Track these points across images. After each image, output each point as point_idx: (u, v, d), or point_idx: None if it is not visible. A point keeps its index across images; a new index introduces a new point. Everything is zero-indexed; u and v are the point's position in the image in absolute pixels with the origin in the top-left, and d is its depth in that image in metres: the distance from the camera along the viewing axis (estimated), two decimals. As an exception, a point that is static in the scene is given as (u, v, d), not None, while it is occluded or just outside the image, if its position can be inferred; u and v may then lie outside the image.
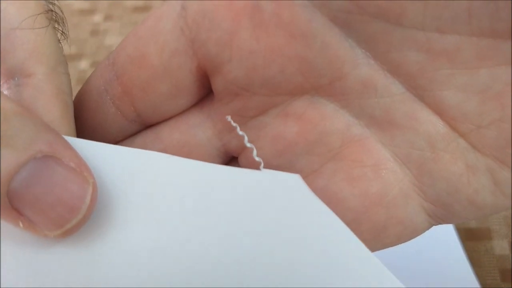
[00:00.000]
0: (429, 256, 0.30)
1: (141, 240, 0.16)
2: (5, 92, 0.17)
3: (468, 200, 0.17)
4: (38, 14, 0.17)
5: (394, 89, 0.16)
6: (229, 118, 0.18)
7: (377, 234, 0.18)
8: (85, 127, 0.19)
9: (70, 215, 0.15)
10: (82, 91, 0.19)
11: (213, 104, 0.19)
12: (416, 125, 0.16)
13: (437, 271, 0.29)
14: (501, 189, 0.16)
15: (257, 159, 0.16)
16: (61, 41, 0.18)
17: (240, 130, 0.18)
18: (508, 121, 0.15)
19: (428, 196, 0.17)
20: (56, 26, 0.17)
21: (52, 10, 0.17)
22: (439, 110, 0.16)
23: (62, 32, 0.18)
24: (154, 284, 0.16)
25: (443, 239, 0.31)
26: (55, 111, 0.17)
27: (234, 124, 0.18)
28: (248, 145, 0.17)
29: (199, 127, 0.19)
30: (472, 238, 0.31)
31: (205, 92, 0.19)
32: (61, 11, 0.18)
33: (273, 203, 0.16)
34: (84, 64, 0.43)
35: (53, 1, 0.17)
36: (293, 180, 0.16)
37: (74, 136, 0.17)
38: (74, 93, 0.19)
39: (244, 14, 0.16)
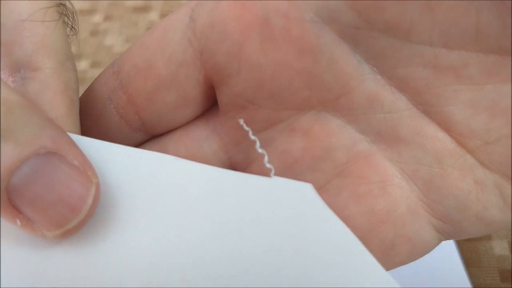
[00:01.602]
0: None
1: (143, 243, 0.16)
2: (11, 85, 0.16)
3: (476, 216, 0.17)
4: (49, 7, 0.16)
5: (400, 104, 0.16)
6: (241, 121, 0.17)
7: (386, 252, 0.17)
8: (87, 135, 0.19)
9: (70, 215, 0.14)
10: (85, 99, 0.19)
11: (218, 118, 0.19)
12: (423, 141, 0.16)
13: (430, 270, 0.29)
14: (509, 205, 0.16)
15: (268, 165, 0.16)
16: (70, 37, 0.17)
17: (246, 143, 0.18)
18: None
19: (436, 213, 0.17)
20: (66, 20, 0.17)
21: (63, 4, 0.17)
22: (446, 126, 0.16)
23: (72, 27, 0.17)
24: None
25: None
26: (61, 108, 0.16)
27: (246, 128, 0.17)
28: (260, 150, 0.16)
29: (205, 140, 0.19)
30: (472, 238, 0.31)
31: (210, 104, 0.19)
32: (72, 5, 0.18)
33: (283, 211, 0.16)
34: (84, 64, 0.43)
35: None
36: (305, 189, 0.16)
37: (79, 134, 0.17)
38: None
39: (254, 27, 0.16)
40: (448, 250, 0.30)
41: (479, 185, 0.16)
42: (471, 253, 0.30)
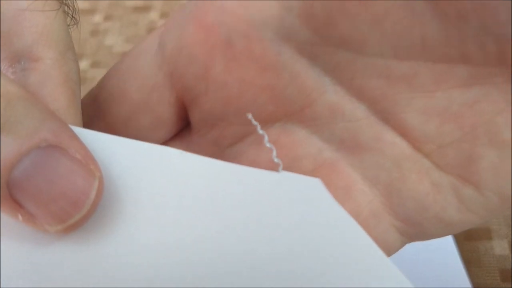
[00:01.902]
0: (423, 255, 0.30)
1: (147, 238, 0.15)
2: (11, 76, 0.16)
3: (436, 217, 0.17)
4: None
5: (360, 113, 0.17)
6: (249, 116, 0.18)
7: None
8: None
9: (73, 210, 0.14)
10: None
11: (191, 136, 0.20)
12: (383, 147, 0.17)
13: (430, 270, 0.29)
14: (466, 205, 0.17)
15: (276, 160, 0.16)
16: (70, 27, 0.17)
17: (218, 157, 0.17)
18: (467, 140, 0.16)
19: (398, 215, 0.18)
20: (66, 10, 0.17)
21: None
22: (402, 132, 0.17)
23: (72, 16, 0.17)
24: (159, 284, 0.15)
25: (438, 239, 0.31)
26: (62, 99, 0.16)
27: (255, 123, 0.18)
28: (268, 145, 0.17)
29: None
30: (472, 238, 0.31)
31: (183, 124, 0.20)
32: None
33: (291, 206, 0.16)
34: (84, 64, 0.43)
35: None
36: (313, 184, 0.16)
37: (80, 126, 0.17)
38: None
39: (218, 49, 0.17)
40: (448, 250, 0.30)
41: (436, 187, 0.17)
42: (472, 253, 0.30)
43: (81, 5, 0.47)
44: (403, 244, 0.18)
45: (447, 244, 0.30)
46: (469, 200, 0.17)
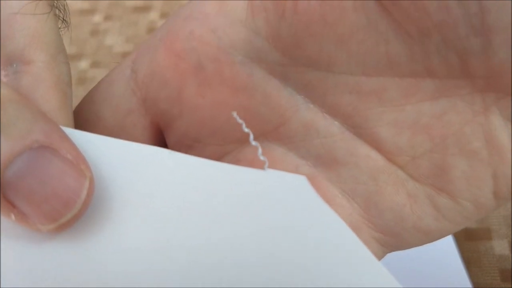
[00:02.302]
0: (422, 255, 0.30)
1: (138, 238, 0.16)
2: (3, 79, 0.16)
3: (414, 227, 0.18)
4: (40, 0, 0.16)
5: (334, 129, 0.18)
6: (234, 114, 0.18)
7: None
8: None
9: (64, 209, 0.15)
10: None
11: None
12: (358, 161, 0.18)
13: (430, 270, 0.29)
14: (442, 214, 0.17)
15: (262, 158, 0.16)
16: (61, 29, 0.17)
17: None
18: (438, 151, 0.17)
19: (377, 227, 0.18)
20: (57, 12, 0.17)
21: None
22: (376, 145, 0.17)
23: (63, 19, 0.17)
24: (150, 284, 0.15)
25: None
26: (53, 101, 0.17)
27: (240, 121, 0.18)
28: (253, 143, 0.17)
29: None
30: (472, 238, 0.31)
31: (160, 146, 0.20)
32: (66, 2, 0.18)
33: (277, 203, 0.16)
34: (84, 64, 0.43)
35: None
36: (299, 181, 0.16)
37: (72, 127, 0.17)
38: (74, 94, 0.18)
39: (189, 73, 0.18)
40: (448, 250, 0.30)
41: (412, 198, 0.17)
42: (472, 253, 0.30)
43: (81, 5, 0.47)
44: (384, 254, 0.19)
45: (447, 244, 0.30)
46: (445, 208, 0.17)
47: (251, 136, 0.17)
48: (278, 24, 0.16)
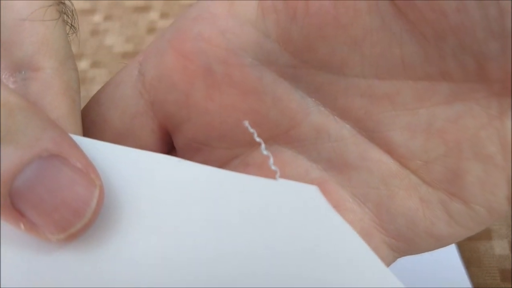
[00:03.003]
0: (423, 255, 0.30)
1: (147, 247, 0.15)
2: (11, 85, 0.16)
3: (426, 232, 0.17)
4: (49, 6, 0.16)
5: (345, 133, 0.17)
6: (246, 123, 0.18)
7: None
8: None
9: (74, 219, 0.14)
10: None
11: None
12: (370, 165, 0.17)
13: (430, 270, 0.29)
14: (455, 220, 0.17)
15: (273, 168, 0.16)
16: (69, 35, 0.17)
17: None
18: (452, 155, 0.16)
19: (388, 232, 0.18)
20: (65, 18, 0.17)
21: (62, 3, 0.17)
22: (388, 150, 0.17)
23: (71, 25, 0.17)
24: None
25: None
26: (62, 108, 0.16)
27: (251, 130, 0.17)
28: (265, 152, 0.17)
29: None
30: (472, 238, 0.31)
31: (168, 148, 0.20)
32: (72, 3, 0.18)
33: (288, 213, 0.16)
34: (84, 64, 0.43)
35: None
36: (311, 192, 0.16)
37: (80, 135, 0.17)
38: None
39: (197, 76, 0.17)
40: (448, 250, 0.30)
41: (425, 203, 0.17)
42: (472, 253, 0.30)
43: (81, 5, 0.47)
44: (394, 259, 0.18)
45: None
46: (458, 214, 0.17)
47: (263, 146, 0.17)
48: (289, 26, 0.16)
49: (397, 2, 0.15)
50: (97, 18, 0.47)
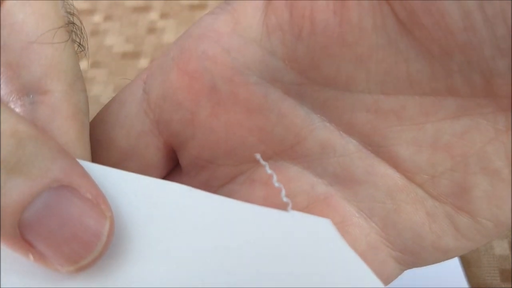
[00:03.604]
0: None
1: (155, 277, 0.15)
2: (18, 109, 0.16)
3: (432, 246, 0.17)
4: (59, 28, 0.16)
5: (351, 147, 0.17)
6: (258, 156, 0.18)
7: None
8: None
9: (85, 252, 0.14)
10: None
11: (181, 177, 0.19)
12: (376, 180, 0.17)
13: (428, 270, 0.29)
14: (462, 233, 0.17)
15: (285, 199, 0.16)
16: (78, 54, 0.17)
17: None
18: (458, 169, 0.16)
19: (395, 246, 0.18)
20: (74, 37, 0.17)
21: (72, 23, 0.17)
22: (394, 164, 0.17)
23: (80, 44, 0.17)
24: None
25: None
26: (71, 133, 0.16)
27: (263, 163, 0.18)
28: (276, 184, 0.17)
29: None
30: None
31: (173, 165, 0.20)
32: (80, 21, 0.17)
33: (301, 246, 0.15)
34: (84, 64, 0.43)
35: (73, 12, 0.17)
36: (323, 225, 0.16)
37: (89, 159, 0.17)
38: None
39: (203, 95, 0.17)
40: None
41: (431, 217, 0.17)
42: (472, 253, 0.30)
43: (81, 5, 0.47)
44: (401, 271, 0.18)
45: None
46: (465, 228, 0.17)
47: (274, 177, 0.17)
48: (295, 45, 0.16)
49: (403, 19, 0.14)
50: (97, 18, 0.46)
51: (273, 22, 0.16)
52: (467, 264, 0.30)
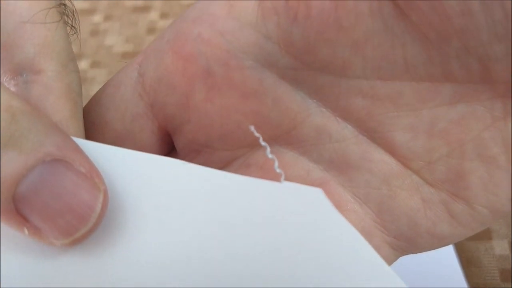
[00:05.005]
0: (420, 254, 0.30)
1: (151, 250, 0.15)
2: (12, 88, 0.16)
3: (428, 232, 0.17)
4: (50, 8, 0.16)
5: (347, 133, 0.17)
6: (252, 128, 0.18)
7: None
8: None
9: (79, 224, 0.14)
10: None
11: None
12: (371, 166, 0.17)
13: (427, 270, 0.29)
14: (457, 220, 0.17)
15: (278, 170, 0.16)
16: (70, 36, 0.17)
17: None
18: (455, 156, 0.16)
19: (390, 232, 0.18)
20: (66, 19, 0.17)
21: (63, 4, 0.17)
22: (390, 150, 0.17)
23: (72, 26, 0.17)
24: None
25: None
26: (64, 111, 0.16)
27: (257, 135, 0.17)
28: (270, 156, 0.17)
29: None
30: (472, 238, 0.31)
31: (169, 149, 0.20)
32: (72, 4, 0.17)
33: (293, 216, 0.16)
34: (84, 64, 0.43)
35: None
36: (315, 194, 0.16)
37: (83, 137, 0.17)
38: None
39: (197, 78, 0.17)
40: (445, 250, 0.30)
41: (426, 203, 0.17)
42: (472, 253, 0.30)
43: (81, 5, 0.47)
44: (396, 258, 0.18)
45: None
46: (460, 214, 0.17)
47: (268, 150, 0.17)
48: (290, 28, 0.16)
49: (399, 3, 0.14)
50: (97, 18, 0.47)
51: (269, 6, 0.16)
52: (467, 264, 0.30)
